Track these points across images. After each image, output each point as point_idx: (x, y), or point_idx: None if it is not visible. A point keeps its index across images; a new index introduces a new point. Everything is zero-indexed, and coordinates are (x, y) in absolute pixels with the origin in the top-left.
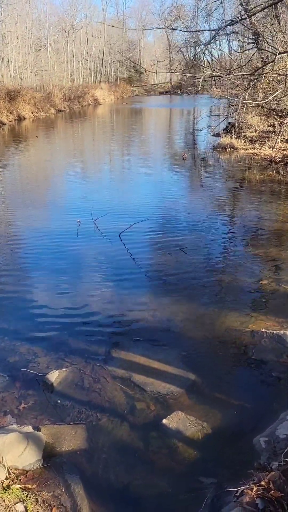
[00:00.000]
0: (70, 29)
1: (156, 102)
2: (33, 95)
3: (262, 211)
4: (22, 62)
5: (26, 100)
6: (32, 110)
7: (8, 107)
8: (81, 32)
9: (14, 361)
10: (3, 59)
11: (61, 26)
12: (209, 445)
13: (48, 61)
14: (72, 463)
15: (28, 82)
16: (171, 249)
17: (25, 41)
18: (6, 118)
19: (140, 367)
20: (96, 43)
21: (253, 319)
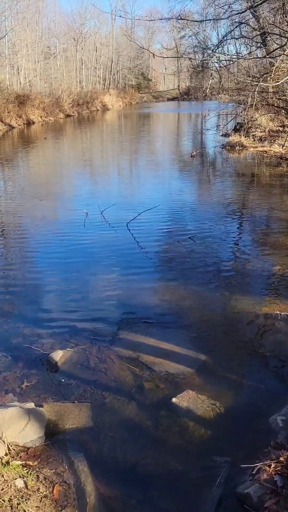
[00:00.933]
0: (79, 37)
1: (165, 107)
2: (42, 100)
3: (273, 202)
4: (32, 70)
5: (35, 105)
6: (41, 115)
7: (18, 111)
8: (90, 40)
9: (18, 341)
10: (13, 67)
11: (71, 34)
12: (222, 424)
13: (57, 68)
14: (76, 441)
15: (38, 89)
16: (180, 237)
17: (35, 49)
18: (15, 122)
19: (149, 348)
20: (105, 51)
21: (266, 302)
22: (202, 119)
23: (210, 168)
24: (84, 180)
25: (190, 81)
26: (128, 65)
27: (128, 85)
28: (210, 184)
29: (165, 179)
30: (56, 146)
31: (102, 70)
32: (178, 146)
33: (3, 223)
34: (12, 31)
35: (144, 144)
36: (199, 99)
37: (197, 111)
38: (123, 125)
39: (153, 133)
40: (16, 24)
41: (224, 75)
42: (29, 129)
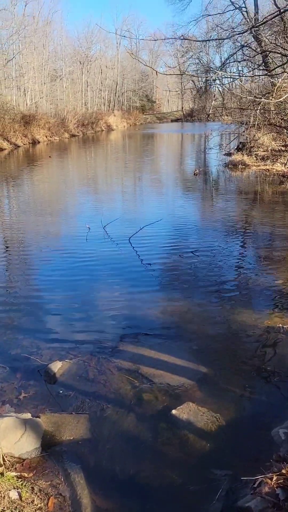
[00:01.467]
0: (85, 60)
1: (168, 128)
2: (48, 120)
3: (275, 219)
4: (38, 92)
5: (41, 125)
6: (46, 134)
7: (23, 131)
8: (96, 63)
9: (16, 352)
10: (19, 88)
11: (77, 57)
12: (223, 437)
13: (63, 90)
14: (73, 452)
15: (44, 110)
16: (182, 252)
17: (42, 71)
18: (21, 141)
19: (149, 360)
20: (110, 73)
21: (268, 316)
22: (205, 138)
23: (213, 185)
24: (88, 196)
25: (194, 103)
26: (132, 87)
27: (133, 106)
28: (213, 201)
29: (168, 196)
30: (61, 164)
31: (107, 92)
32: (182, 164)
33: (7, 237)
34: (19, 54)
35: (147, 163)
36: (202, 121)
37: (200, 131)
38: (127, 145)
39: (156, 153)
40: (24, 47)
41: (227, 96)
42: (34, 148)
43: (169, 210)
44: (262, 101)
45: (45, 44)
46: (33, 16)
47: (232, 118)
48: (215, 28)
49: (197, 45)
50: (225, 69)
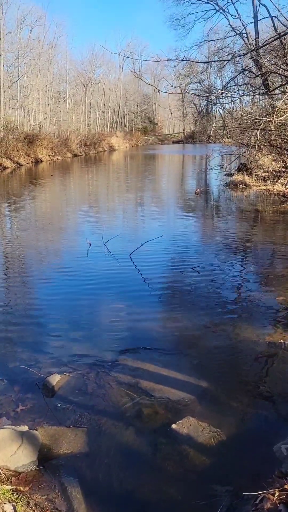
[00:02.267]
0: (89, 83)
1: (170, 149)
2: (51, 140)
3: (276, 237)
4: (42, 113)
5: (44, 145)
6: (49, 154)
7: (26, 150)
8: (99, 85)
9: (14, 365)
10: (23, 109)
11: (80, 80)
12: (224, 453)
13: (66, 112)
14: (70, 466)
15: (47, 131)
16: (183, 268)
17: (46, 93)
18: (24, 160)
19: (149, 374)
20: (113, 96)
21: (269, 331)
22: (206, 159)
23: (214, 204)
24: (89, 214)
25: (195, 125)
26: (135, 109)
27: (135, 128)
28: (214, 220)
29: (169, 214)
30: (63, 183)
31: (109, 113)
32: (183, 184)
33: (9, 252)
34: (24, 76)
35: (149, 182)
36: (203, 142)
37: (201, 153)
38: (129, 165)
39: (158, 172)
40: (29, 70)
41: (228, 118)
42: (37, 167)
43: (170, 228)
44: (264, 120)
45: (49, 67)
46: (39, 40)
47: (233, 140)
48: (216, 52)
49: (199, 69)
50: (225, 96)
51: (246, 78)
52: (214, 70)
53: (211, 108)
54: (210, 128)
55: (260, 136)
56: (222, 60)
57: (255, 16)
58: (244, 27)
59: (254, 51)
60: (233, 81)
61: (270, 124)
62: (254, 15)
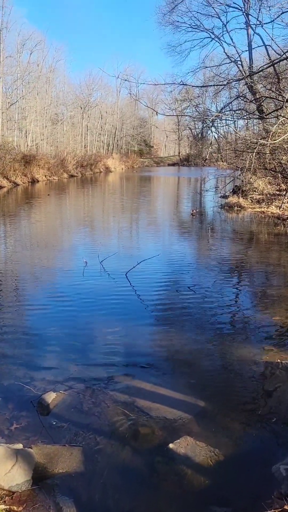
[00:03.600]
0: (86, 106)
1: (165, 172)
2: (48, 161)
3: (271, 258)
4: (39, 134)
5: (41, 165)
6: (46, 174)
7: (23, 170)
8: (96, 108)
9: (9, 383)
10: (21, 130)
11: (78, 103)
12: (222, 473)
13: (63, 133)
14: (65, 486)
15: (44, 152)
16: (179, 288)
17: (43, 115)
18: (20, 180)
19: (145, 393)
20: (109, 119)
21: (266, 352)
22: (201, 182)
23: (209, 225)
24: (85, 233)
25: (190, 149)
26: (131, 132)
27: (131, 150)
28: (209, 240)
29: (165, 234)
30: (59, 202)
31: (106, 136)
32: (178, 205)
33: (4, 270)
34: (22, 99)
35: (145, 203)
36: (198, 165)
37: (196, 175)
38: (125, 186)
39: (154, 194)
40: (27, 92)
41: (223, 142)
42: (33, 186)
43: (166, 248)
44: (260, 143)
45: (48, 89)
46: (38, 64)
47: (228, 164)
48: (212, 78)
49: (195, 94)
50: (221, 118)
51: (241, 103)
52: (209, 96)
53: (206, 132)
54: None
55: (255, 160)
56: (218, 84)
57: (249, 45)
58: (238, 55)
59: (249, 77)
60: (228, 106)
61: (265, 148)
62: (248, 43)
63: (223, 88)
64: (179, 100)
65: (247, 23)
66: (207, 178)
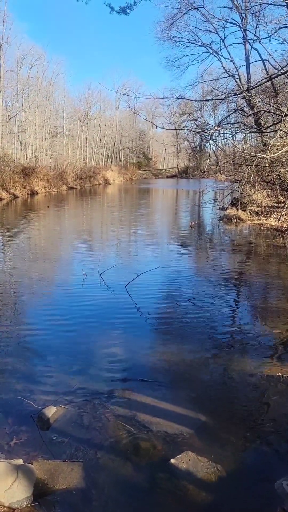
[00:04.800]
0: (85, 119)
1: (164, 184)
2: (47, 173)
3: (270, 270)
4: (39, 146)
5: (40, 177)
6: (45, 186)
7: (22, 182)
8: (95, 121)
9: (8, 397)
10: (20, 143)
11: (77, 116)
12: (224, 489)
13: (63, 146)
14: (66, 502)
15: (43, 164)
16: (178, 300)
17: (43, 128)
18: (20, 192)
19: (145, 407)
20: (108, 131)
21: (267, 365)
22: (200, 194)
23: (208, 237)
24: (84, 245)
25: (188, 161)
26: (130, 145)
27: (129, 162)
28: (209, 252)
29: (165, 246)
30: (58, 214)
31: (105, 148)
32: (177, 217)
33: (4, 283)
34: (22, 112)
35: (143, 215)
36: (196, 177)
37: (195, 188)
38: (124, 198)
39: (152, 206)
40: (27, 105)
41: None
42: (33, 199)
43: (165, 260)
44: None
45: (47, 103)
46: (37, 78)
47: (226, 176)
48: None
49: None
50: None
51: (239, 117)
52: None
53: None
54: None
55: (254, 172)
56: (216, 99)
57: (247, 59)
58: (236, 70)
59: (247, 91)
60: (226, 119)
61: (263, 161)
62: (246, 58)
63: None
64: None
65: (245, 38)
66: (205, 190)
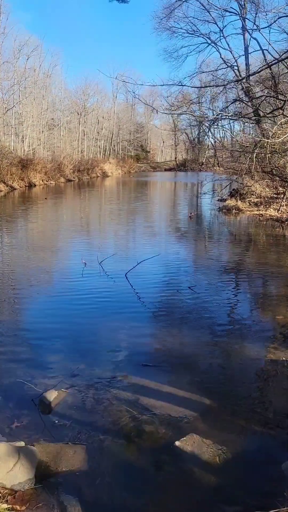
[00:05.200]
0: (82, 111)
1: (162, 177)
2: (45, 165)
3: (269, 258)
4: (36, 139)
5: (38, 169)
6: (43, 178)
7: (20, 174)
8: (93, 114)
9: (9, 381)
10: (18, 135)
11: (74, 108)
12: (230, 471)
13: (60, 138)
14: (69, 485)
15: (41, 156)
16: (179, 287)
17: (40, 120)
18: (17, 184)
19: (149, 390)
20: (106, 124)
21: (270, 350)
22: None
23: (208, 227)
24: (83, 235)
25: (187, 154)
26: (128, 137)
27: (128, 155)
28: (208, 242)
29: (164, 236)
30: (56, 206)
31: (103, 141)
32: (176, 208)
33: (5, 273)
34: (19, 104)
35: (142, 207)
36: (195, 170)
37: (193, 181)
38: (122, 190)
39: (151, 198)
40: (24, 97)
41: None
42: (30, 191)
43: (165, 249)
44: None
45: (44, 95)
46: (34, 69)
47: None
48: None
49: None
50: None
51: (238, 108)
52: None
53: (202, 137)
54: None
55: (254, 162)
56: (216, 85)
57: (246, 49)
58: (235, 60)
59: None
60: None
61: (263, 150)
62: (245, 48)
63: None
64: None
65: (244, 27)
66: (204, 181)
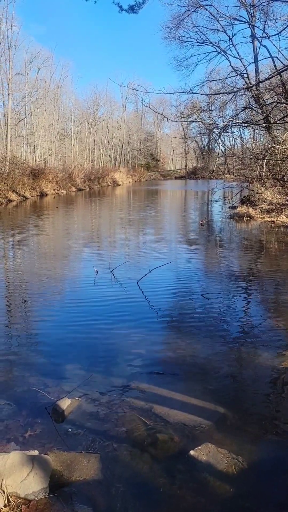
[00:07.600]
0: (93, 121)
1: (172, 185)
2: (56, 175)
3: (282, 265)
4: (47, 149)
5: (49, 179)
6: (54, 188)
7: (32, 184)
8: (103, 123)
9: (23, 390)
10: (29, 146)
11: (85, 118)
12: (246, 481)
13: (71, 148)
14: (83, 494)
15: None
16: (191, 295)
17: (51, 130)
18: (29, 193)
19: (162, 399)
20: (116, 133)
21: (284, 357)
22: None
23: (219, 235)
24: (95, 244)
25: (197, 162)
26: (138, 146)
27: (138, 164)
28: (220, 249)
29: (175, 244)
30: (68, 215)
31: (113, 150)
32: (187, 216)
33: (16, 281)
34: (30, 115)
35: (153, 215)
36: (205, 178)
37: (203, 189)
38: (133, 199)
39: (161, 206)
40: (35, 108)
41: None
42: (42, 200)
43: (177, 257)
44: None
45: (55, 105)
46: (45, 80)
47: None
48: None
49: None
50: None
51: (248, 115)
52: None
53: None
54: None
55: (265, 169)
56: (226, 93)
57: (256, 57)
58: (245, 68)
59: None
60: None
61: (273, 157)
62: (254, 56)
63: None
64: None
65: (253, 35)
66: (215, 188)
